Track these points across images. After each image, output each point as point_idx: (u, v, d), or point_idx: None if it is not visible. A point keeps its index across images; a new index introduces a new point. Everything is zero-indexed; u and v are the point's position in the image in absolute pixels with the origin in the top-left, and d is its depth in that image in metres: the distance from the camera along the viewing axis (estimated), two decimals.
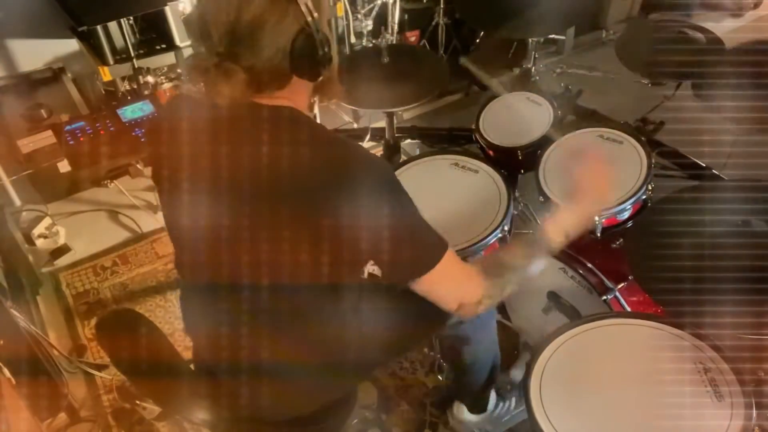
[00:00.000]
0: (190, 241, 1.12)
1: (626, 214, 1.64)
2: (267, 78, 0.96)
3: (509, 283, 1.15)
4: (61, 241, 2.52)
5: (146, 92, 2.65)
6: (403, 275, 1.05)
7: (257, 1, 0.91)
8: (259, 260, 1.03)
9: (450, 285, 1.08)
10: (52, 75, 2.80)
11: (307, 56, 0.96)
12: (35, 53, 2.78)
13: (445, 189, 1.73)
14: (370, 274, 2.28)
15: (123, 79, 2.70)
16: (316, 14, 0.94)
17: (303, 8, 0.93)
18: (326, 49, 0.98)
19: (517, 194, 1.94)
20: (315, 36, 0.95)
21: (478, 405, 1.74)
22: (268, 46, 0.92)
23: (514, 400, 1.79)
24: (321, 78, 1.02)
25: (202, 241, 1.08)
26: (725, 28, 3.65)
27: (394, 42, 3.01)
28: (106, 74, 2.53)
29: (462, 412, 1.75)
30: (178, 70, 2.70)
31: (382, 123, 2.47)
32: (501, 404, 1.77)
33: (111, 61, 2.48)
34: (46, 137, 2.44)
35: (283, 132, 0.99)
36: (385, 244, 0.98)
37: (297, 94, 1.02)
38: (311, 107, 1.13)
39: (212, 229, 1.05)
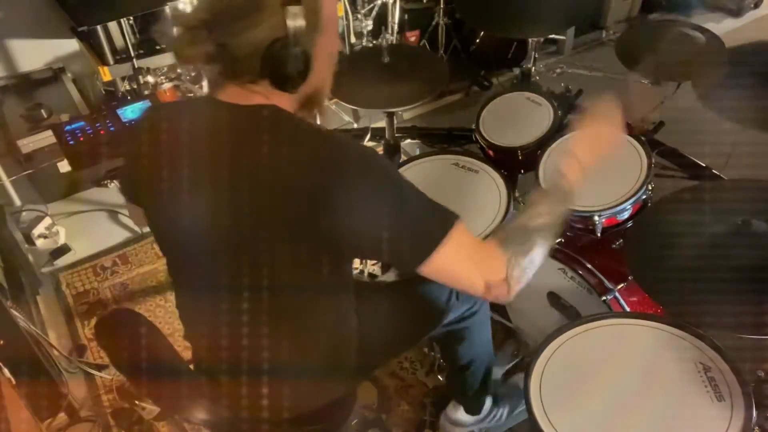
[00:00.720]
0: (183, 244, 1.11)
1: (626, 214, 1.64)
2: (239, 66, 0.96)
3: (538, 246, 1.04)
4: (61, 241, 2.52)
5: (146, 92, 2.65)
6: (409, 260, 0.97)
7: None
8: (256, 261, 1.03)
9: (466, 264, 0.99)
10: (52, 75, 2.80)
11: (277, 66, 0.95)
12: (35, 53, 2.78)
13: (445, 189, 1.72)
14: (370, 274, 2.29)
15: (123, 79, 2.70)
16: (302, 25, 0.92)
17: (292, 21, 0.92)
18: (300, 67, 0.96)
19: (517, 194, 1.94)
20: (290, 50, 0.93)
21: (473, 407, 1.74)
22: (244, 36, 0.93)
23: (506, 409, 1.79)
24: (293, 92, 0.99)
25: (196, 243, 1.07)
26: (725, 28, 3.66)
27: (394, 42, 3.01)
28: (106, 74, 2.52)
29: (456, 412, 1.76)
30: (178, 70, 2.70)
31: (382, 123, 2.47)
32: (495, 410, 1.77)
33: (111, 61, 2.47)
34: (46, 137, 2.44)
35: (264, 134, 0.98)
36: (385, 237, 0.94)
37: (275, 95, 1.00)
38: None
39: (206, 231, 1.04)
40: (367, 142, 2.75)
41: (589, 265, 1.61)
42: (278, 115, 0.99)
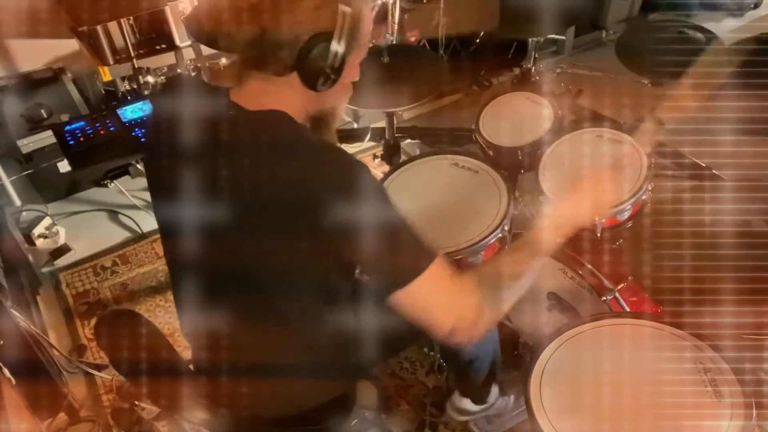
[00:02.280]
0: (183, 241, 1.12)
1: (626, 214, 1.63)
2: (274, 54, 0.95)
3: (509, 294, 1.07)
4: (61, 241, 2.52)
5: (146, 92, 2.65)
6: (386, 283, 0.98)
7: None
8: (255, 261, 1.04)
9: (440, 297, 0.99)
10: (52, 75, 2.80)
11: (314, 59, 0.94)
12: (35, 53, 2.78)
13: (446, 189, 1.72)
14: None
15: (123, 79, 2.70)
16: (348, 26, 0.92)
17: (341, 19, 0.92)
18: (336, 66, 0.96)
19: (517, 194, 1.94)
20: (332, 45, 0.93)
21: (478, 397, 1.74)
22: (289, 24, 0.92)
23: (513, 397, 1.79)
24: (318, 90, 0.99)
25: (196, 241, 1.07)
26: (725, 28, 3.66)
27: (394, 42, 3.01)
28: (106, 74, 2.52)
29: (462, 401, 1.75)
30: (178, 70, 2.70)
31: (382, 123, 2.47)
32: (501, 399, 1.77)
33: (111, 61, 2.47)
34: (46, 137, 2.44)
35: (265, 139, 0.98)
36: (369, 250, 0.95)
37: (293, 95, 1.00)
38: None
39: (206, 230, 1.04)
40: (367, 142, 2.75)
41: (589, 265, 1.61)
42: (280, 121, 1.00)
